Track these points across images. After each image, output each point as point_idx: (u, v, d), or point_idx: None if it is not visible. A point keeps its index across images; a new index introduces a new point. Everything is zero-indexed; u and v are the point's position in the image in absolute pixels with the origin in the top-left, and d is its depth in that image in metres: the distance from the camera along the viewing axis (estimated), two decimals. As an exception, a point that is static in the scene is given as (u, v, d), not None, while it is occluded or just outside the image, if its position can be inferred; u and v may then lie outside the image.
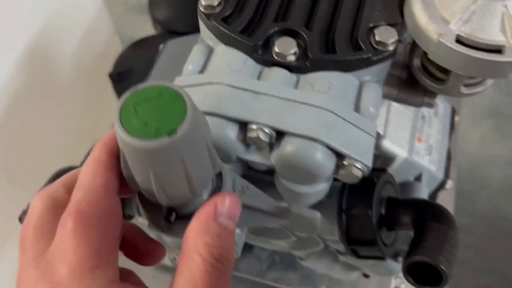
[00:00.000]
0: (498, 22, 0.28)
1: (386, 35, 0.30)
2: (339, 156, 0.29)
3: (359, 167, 0.29)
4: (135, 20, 1.74)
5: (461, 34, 0.28)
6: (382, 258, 0.34)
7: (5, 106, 0.57)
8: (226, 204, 0.22)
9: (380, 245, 0.32)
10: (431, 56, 0.30)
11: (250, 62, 0.31)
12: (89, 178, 0.22)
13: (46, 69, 0.65)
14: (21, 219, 0.31)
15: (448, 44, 0.28)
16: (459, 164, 1.46)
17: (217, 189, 0.26)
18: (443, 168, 0.43)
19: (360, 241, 0.32)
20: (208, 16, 0.32)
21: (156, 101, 0.20)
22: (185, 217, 0.26)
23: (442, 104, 0.46)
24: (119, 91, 0.68)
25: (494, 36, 0.28)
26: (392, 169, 0.41)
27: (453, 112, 0.46)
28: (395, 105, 0.42)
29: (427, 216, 0.31)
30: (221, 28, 0.31)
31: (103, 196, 0.22)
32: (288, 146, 0.28)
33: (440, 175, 0.42)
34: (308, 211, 0.29)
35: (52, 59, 0.66)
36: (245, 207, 0.27)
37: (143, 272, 0.26)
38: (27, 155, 0.61)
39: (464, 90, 0.33)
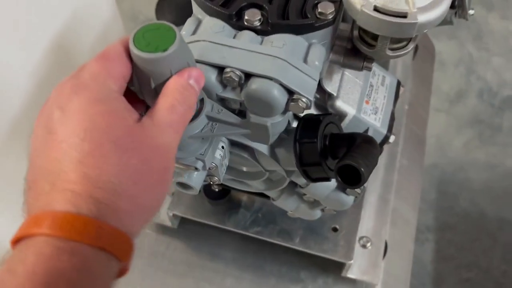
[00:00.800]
0: (403, -4, 0.39)
1: (325, 8, 0.41)
2: (290, 93, 0.40)
3: (304, 100, 0.39)
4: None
5: (377, 4, 0.39)
6: (327, 179, 0.44)
7: (30, 94, 0.68)
8: (196, 73, 0.33)
9: (325, 167, 0.43)
10: (358, 23, 0.41)
11: (227, 27, 0.42)
12: (117, 45, 0.33)
13: (66, 63, 0.77)
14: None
15: (368, 12, 0.39)
16: (443, 168, 1.56)
17: (200, 109, 0.37)
18: (387, 125, 0.53)
19: (309, 164, 0.43)
20: (197, -5, 0.43)
21: (157, 31, 0.31)
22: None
23: (389, 77, 0.57)
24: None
25: (400, 6, 0.39)
26: (344, 123, 0.51)
27: (399, 84, 0.57)
28: (347, 74, 0.53)
29: (357, 140, 0.41)
30: (207, 3, 0.42)
31: (124, 54, 0.32)
32: (253, 84, 0.39)
33: (384, 131, 0.53)
34: (261, 119, 0.40)
35: (72, 55, 0.78)
36: (220, 121, 0.38)
37: (144, 234, 0.36)
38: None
39: (389, 52, 0.44)
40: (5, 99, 0.63)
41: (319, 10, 0.41)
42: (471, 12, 0.68)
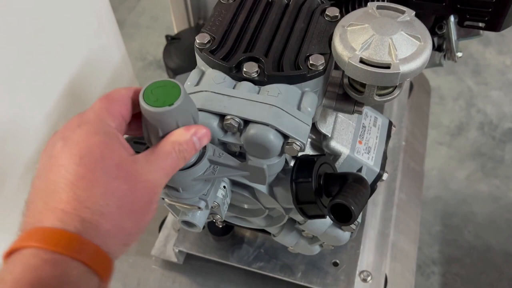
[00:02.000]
0: (386, 49, 0.43)
1: (316, 60, 0.46)
2: (285, 137, 0.43)
3: (298, 144, 0.43)
4: (152, 74, 1.95)
5: (363, 57, 0.44)
6: (323, 216, 0.47)
7: (45, 136, 0.72)
8: (203, 131, 0.38)
9: (320, 204, 0.46)
10: (347, 73, 0.45)
11: (228, 78, 0.46)
12: (122, 89, 0.38)
13: (78, 107, 0.82)
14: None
15: (355, 64, 0.43)
16: (446, 201, 1.57)
17: (203, 154, 0.41)
18: (380, 164, 0.57)
19: (305, 202, 0.46)
20: (201, 50, 0.48)
21: (163, 88, 0.35)
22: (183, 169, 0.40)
23: (380, 117, 0.60)
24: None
25: (384, 58, 0.43)
26: (338, 163, 0.55)
27: (390, 124, 0.61)
28: (340, 117, 0.57)
29: (349, 179, 0.45)
30: (209, 57, 0.47)
31: (126, 97, 0.37)
32: (251, 130, 0.43)
33: (377, 169, 0.56)
34: (258, 161, 0.43)
35: (84, 99, 0.83)
36: (221, 164, 0.41)
37: (151, 269, 0.39)
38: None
39: (377, 98, 0.48)
40: (21, 142, 0.67)
41: (311, 62, 0.46)
42: (459, 54, 0.72)
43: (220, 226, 0.69)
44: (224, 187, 0.48)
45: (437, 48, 0.72)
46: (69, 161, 0.33)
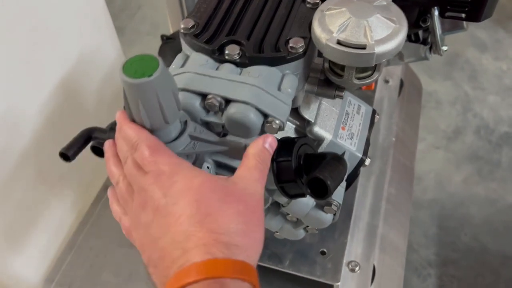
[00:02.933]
0: (362, 31, 0.45)
1: (296, 43, 0.47)
2: (265, 116, 0.45)
3: (277, 122, 0.45)
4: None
5: (340, 39, 0.45)
6: (303, 195, 0.48)
7: (40, 127, 0.74)
8: (271, 139, 0.43)
9: (299, 183, 0.47)
10: (325, 55, 0.47)
11: (210, 60, 0.48)
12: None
13: (73, 100, 0.84)
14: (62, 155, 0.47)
15: (332, 45, 0.45)
16: (443, 204, 1.58)
17: (183, 129, 0.42)
18: (362, 149, 0.58)
19: (285, 181, 0.47)
20: (185, 34, 0.50)
21: (142, 61, 0.37)
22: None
23: (363, 105, 0.62)
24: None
25: (360, 39, 0.45)
26: (322, 148, 0.56)
27: (374, 112, 0.62)
28: (324, 103, 0.58)
29: (327, 157, 0.46)
30: (193, 40, 0.49)
31: None
32: (232, 109, 0.44)
33: (359, 154, 0.57)
34: (237, 139, 0.44)
35: (79, 93, 0.85)
36: (201, 140, 0.43)
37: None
38: (56, 170, 0.78)
39: (356, 81, 0.49)
40: (16, 131, 0.69)
41: (291, 44, 0.47)
42: (444, 48, 0.74)
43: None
44: (208, 167, 0.49)
45: (422, 41, 0.74)
46: (187, 208, 0.36)
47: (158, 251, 0.37)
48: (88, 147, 0.50)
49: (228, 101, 0.45)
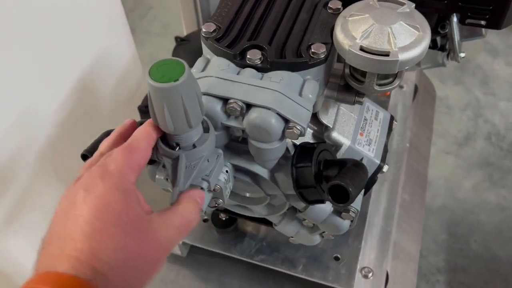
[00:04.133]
0: (385, 37, 0.45)
1: (318, 49, 0.47)
2: (286, 121, 0.45)
3: (298, 128, 0.44)
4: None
5: (363, 45, 0.45)
6: (322, 201, 0.48)
7: (55, 127, 0.74)
8: (199, 193, 0.43)
9: (319, 189, 0.47)
10: (347, 61, 0.47)
11: (232, 65, 0.48)
12: (141, 140, 0.40)
13: (89, 100, 0.84)
14: (84, 157, 0.47)
15: (355, 51, 0.45)
16: (453, 210, 1.57)
17: (206, 132, 0.43)
18: (380, 156, 0.58)
19: (305, 186, 0.47)
20: (206, 38, 0.50)
21: (168, 65, 0.37)
22: (184, 149, 0.42)
23: (382, 112, 0.61)
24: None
25: (383, 46, 0.44)
26: (339, 154, 0.56)
27: (392, 118, 0.62)
28: (342, 109, 0.58)
29: (347, 164, 0.46)
30: (214, 45, 0.49)
31: (145, 147, 0.40)
32: (253, 114, 0.44)
33: (377, 160, 0.57)
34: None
35: (93, 95, 0.85)
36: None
37: None
38: (71, 169, 0.78)
39: (377, 87, 0.49)
40: (33, 131, 0.69)
41: (312, 50, 0.47)
42: (462, 55, 0.73)
43: (224, 218, 0.70)
44: (227, 171, 0.49)
45: (440, 47, 0.73)
46: (88, 213, 0.35)
47: (51, 233, 0.36)
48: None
49: (249, 106, 0.45)
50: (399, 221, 0.82)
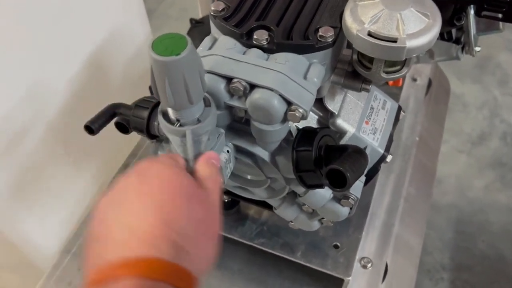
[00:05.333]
0: (394, 23, 0.44)
1: (326, 32, 0.47)
2: (289, 103, 0.44)
3: (300, 111, 0.44)
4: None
5: (371, 30, 0.44)
6: (321, 185, 0.48)
7: (66, 99, 0.75)
8: (213, 154, 0.43)
9: (318, 174, 0.47)
10: (354, 46, 0.46)
11: (238, 44, 0.48)
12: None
13: (100, 77, 0.85)
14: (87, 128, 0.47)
15: (362, 36, 0.44)
16: (462, 208, 1.55)
17: (209, 110, 0.43)
18: (384, 145, 0.57)
19: (305, 170, 0.47)
20: (215, 16, 0.49)
21: (172, 39, 0.37)
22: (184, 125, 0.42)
23: (389, 101, 0.61)
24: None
25: (391, 32, 0.44)
26: (343, 141, 0.56)
27: (399, 109, 0.61)
28: (349, 96, 0.57)
29: (348, 149, 0.45)
30: (222, 23, 0.48)
31: None
32: (256, 94, 0.44)
33: (381, 150, 0.57)
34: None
35: (106, 69, 0.86)
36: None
37: None
38: (80, 143, 0.79)
39: (384, 75, 0.49)
40: (44, 103, 0.70)
41: (320, 33, 0.47)
42: (477, 49, 0.72)
43: (226, 200, 0.71)
44: (228, 151, 0.50)
45: (455, 40, 0.72)
46: (152, 190, 0.36)
47: (105, 223, 0.35)
48: (112, 122, 0.51)
49: (252, 86, 0.45)
50: (402, 215, 0.81)
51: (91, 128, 0.46)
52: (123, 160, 0.89)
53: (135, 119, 0.48)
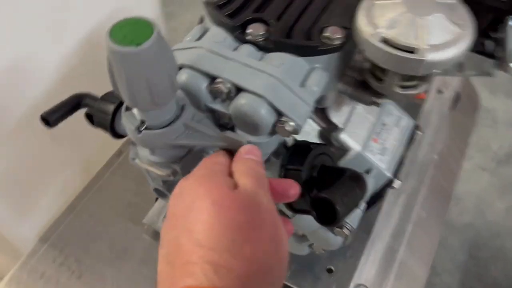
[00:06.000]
0: (415, 30, 0.37)
1: (333, 33, 0.39)
2: (279, 114, 0.37)
3: (291, 124, 0.37)
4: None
5: (386, 36, 0.37)
6: (309, 212, 0.41)
7: (54, 83, 0.69)
8: (251, 148, 0.36)
9: (307, 199, 0.40)
10: (364, 52, 0.39)
11: (229, 39, 0.41)
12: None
13: (97, 56, 0.79)
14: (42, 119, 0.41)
15: (374, 42, 0.37)
16: (479, 231, 1.46)
17: (177, 116, 0.36)
18: (393, 169, 0.50)
19: (291, 192, 0.40)
20: (208, 3, 0.43)
21: (134, 26, 0.30)
22: (152, 129, 0.35)
23: (405, 118, 0.53)
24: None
25: (410, 40, 0.36)
26: (346, 159, 0.48)
27: (415, 127, 0.53)
28: (358, 109, 0.50)
29: (345, 174, 0.38)
30: (215, 12, 0.42)
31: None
32: (241, 99, 0.37)
33: (388, 174, 0.49)
34: (238, 136, 0.37)
35: (100, 54, 0.80)
36: (197, 131, 0.36)
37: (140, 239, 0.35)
38: (68, 128, 0.73)
39: (398, 90, 0.41)
40: (32, 81, 0.65)
41: (326, 34, 0.39)
42: (513, 65, 0.63)
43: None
44: (207, 160, 0.43)
45: (488, 54, 0.63)
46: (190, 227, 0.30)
47: (175, 246, 0.30)
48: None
49: (239, 90, 0.38)
50: (410, 240, 0.74)
51: (47, 120, 0.40)
52: (112, 152, 0.83)
53: (98, 113, 0.42)
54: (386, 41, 0.37)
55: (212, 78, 0.38)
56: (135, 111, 0.35)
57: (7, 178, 0.68)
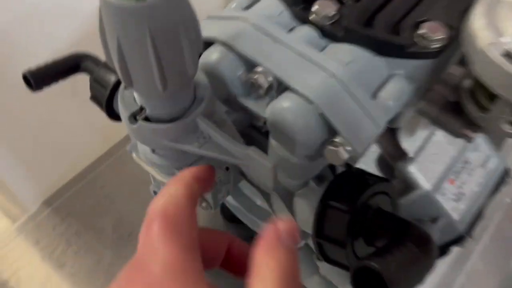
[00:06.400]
0: (560, 48, 0.24)
1: (433, 30, 0.27)
2: (332, 132, 0.26)
3: (348, 149, 0.26)
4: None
5: (511, 49, 0.25)
6: (347, 268, 0.30)
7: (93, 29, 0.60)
8: (287, 225, 0.22)
9: (349, 250, 0.29)
10: (474, 66, 0.27)
11: (286, 14, 0.30)
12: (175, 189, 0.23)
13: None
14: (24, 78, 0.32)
15: (492, 55, 0.25)
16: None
17: (191, 110, 0.26)
18: (467, 222, 0.38)
19: (328, 237, 0.29)
20: (267, -37, 0.32)
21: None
22: (153, 121, 0.25)
23: (495, 159, 0.41)
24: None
25: (549, 61, 0.24)
26: (409, 198, 0.37)
27: (506, 173, 0.41)
28: (438, 136, 0.38)
29: (407, 233, 0.27)
30: (274, -26, 0.31)
31: (187, 204, 0.23)
32: (284, 101, 0.27)
33: (460, 228, 0.37)
34: (263, 156, 0.27)
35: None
36: (211, 139, 0.26)
37: None
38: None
39: (506, 127, 0.29)
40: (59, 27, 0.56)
41: (421, 31, 0.28)
42: None
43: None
44: (227, 168, 0.33)
45: None
46: None
47: None
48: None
49: (284, 88, 0.27)
50: (459, 294, 0.61)
51: (29, 81, 0.31)
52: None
53: (94, 84, 0.32)
54: (509, 55, 0.25)
55: (251, 65, 0.28)
56: (135, 92, 0.26)
57: (27, 134, 0.60)
